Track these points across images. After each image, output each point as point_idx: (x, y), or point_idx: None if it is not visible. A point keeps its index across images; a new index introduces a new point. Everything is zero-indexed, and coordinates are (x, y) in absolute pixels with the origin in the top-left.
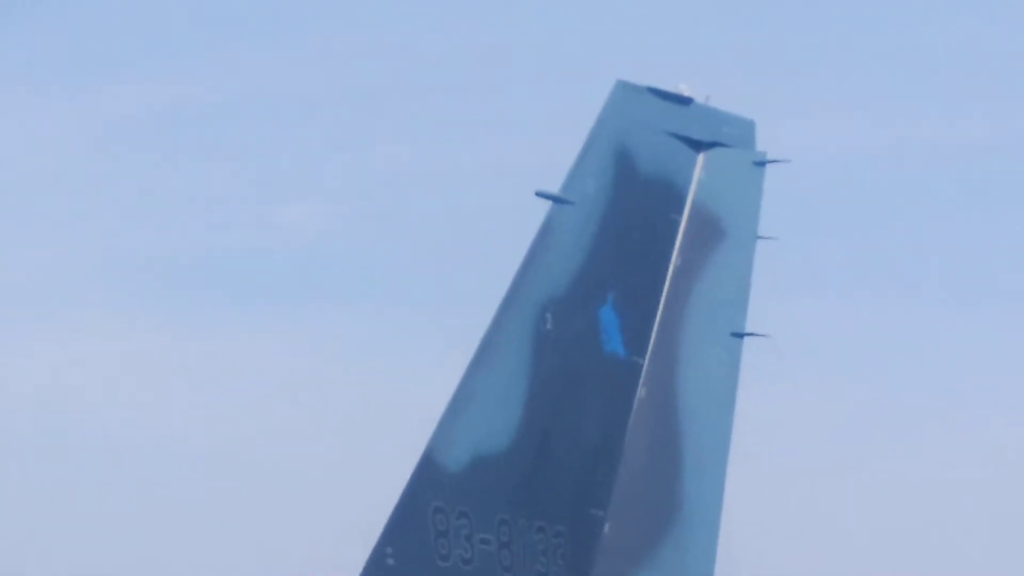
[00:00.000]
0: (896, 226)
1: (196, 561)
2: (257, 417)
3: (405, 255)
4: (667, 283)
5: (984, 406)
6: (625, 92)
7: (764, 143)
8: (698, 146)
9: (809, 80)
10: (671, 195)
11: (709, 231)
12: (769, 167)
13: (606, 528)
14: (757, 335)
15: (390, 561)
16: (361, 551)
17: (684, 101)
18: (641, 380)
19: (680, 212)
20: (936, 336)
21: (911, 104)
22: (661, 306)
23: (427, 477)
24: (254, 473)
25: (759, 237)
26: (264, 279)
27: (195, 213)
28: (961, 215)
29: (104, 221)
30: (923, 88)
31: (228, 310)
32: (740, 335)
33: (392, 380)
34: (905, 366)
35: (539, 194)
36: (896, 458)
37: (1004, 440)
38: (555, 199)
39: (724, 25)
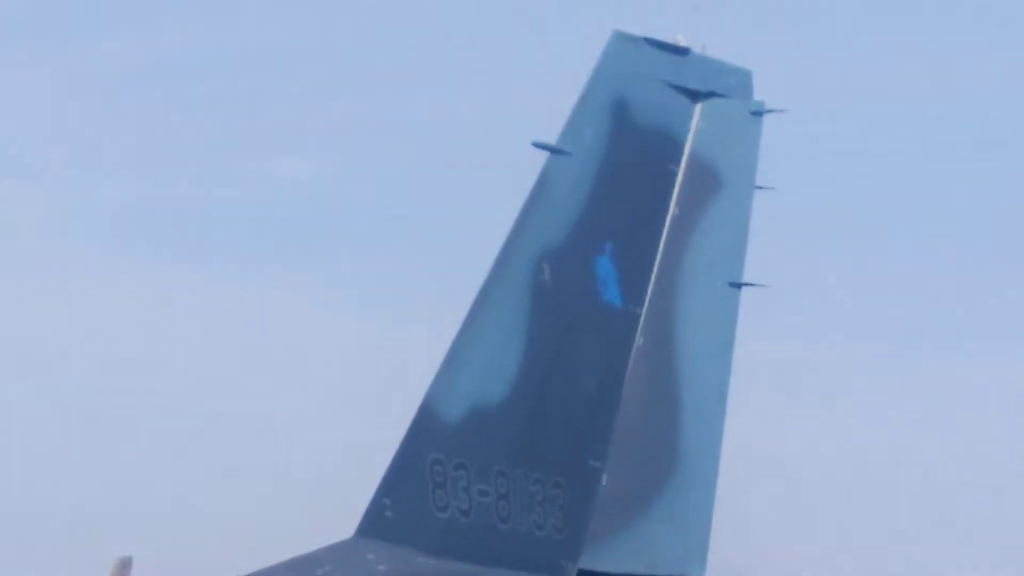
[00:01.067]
0: (894, 175)
1: (196, 514)
2: (253, 369)
3: (402, 207)
4: (664, 233)
5: (985, 356)
6: (622, 43)
7: (761, 93)
8: (695, 96)
9: (807, 30)
10: (668, 145)
11: (706, 181)
12: (767, 117)
13: (604, 479)
14: (755, 285)
15: (388, 513)
16: (360, 503)
17: (681, 51)
18: (639, 330)
19: (677, 162)
20: (935, 285)
21: (910, 53)
22: (659, 256)
23: (425, 429)
24: (250, 426)
25: (756, 187)
26: (259, 231)
27: (188, 165)
28: (962, 164)
29: (100, 173)
30: (923, 36)
31: (223, 261)
32: (738, 285)
33: (389, 332)
34: (902, 314)
35: (536, 145)
36: (894, 406)
37: (1002, 387)
38: (552, 150)
39: None
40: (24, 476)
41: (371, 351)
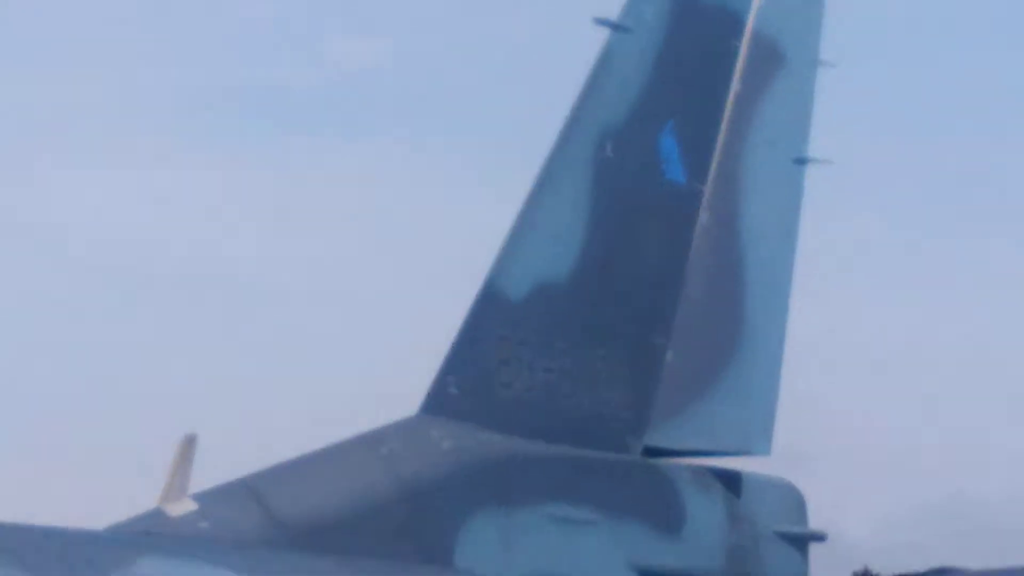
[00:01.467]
0: (960, 54)
1: (261, 392)
2: (316, 251)
3: (463, 87)
4: (727, 110)
5: None
6: None
7: None
8: None
9: None
10: (730, 21)
11: (769, 57)
12: None
13: (668, 356)
14: (820, 161)
15: (452, 390)
16: (423, 381)
17: None
18: (702, 207)
19: (739, 38)
20: (997, 165)
21: None
22: (722, 133)
23: (489, 306)
24: (311, 307)
25: (820, 63)
26: (321, 114)
27: (244, 48)
28: None
29: (157, 54)
30: None
31: (283, 144)
32: (803, 161)
33: (453, 211)
34: (970, 193)
35: (597, 21)
36: (963, 287)
37: None
38: (614, 26)
39: None
40: (90, 356)
41: (435, 230)
